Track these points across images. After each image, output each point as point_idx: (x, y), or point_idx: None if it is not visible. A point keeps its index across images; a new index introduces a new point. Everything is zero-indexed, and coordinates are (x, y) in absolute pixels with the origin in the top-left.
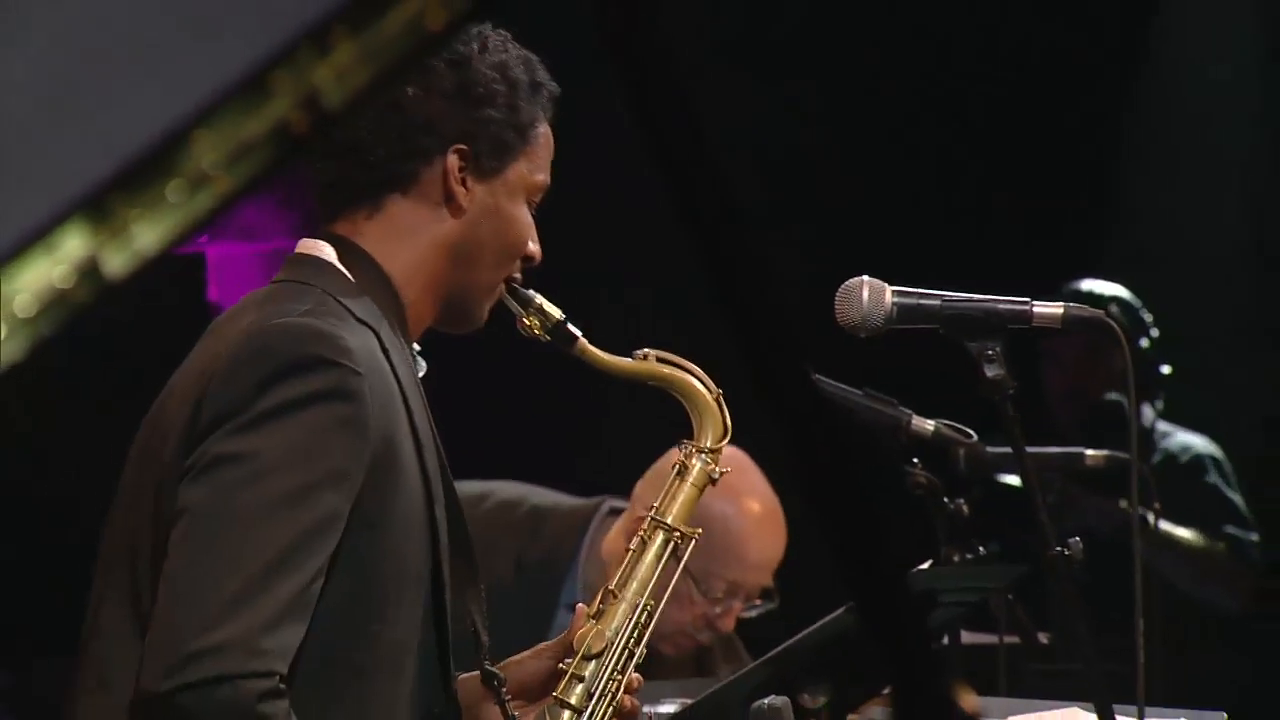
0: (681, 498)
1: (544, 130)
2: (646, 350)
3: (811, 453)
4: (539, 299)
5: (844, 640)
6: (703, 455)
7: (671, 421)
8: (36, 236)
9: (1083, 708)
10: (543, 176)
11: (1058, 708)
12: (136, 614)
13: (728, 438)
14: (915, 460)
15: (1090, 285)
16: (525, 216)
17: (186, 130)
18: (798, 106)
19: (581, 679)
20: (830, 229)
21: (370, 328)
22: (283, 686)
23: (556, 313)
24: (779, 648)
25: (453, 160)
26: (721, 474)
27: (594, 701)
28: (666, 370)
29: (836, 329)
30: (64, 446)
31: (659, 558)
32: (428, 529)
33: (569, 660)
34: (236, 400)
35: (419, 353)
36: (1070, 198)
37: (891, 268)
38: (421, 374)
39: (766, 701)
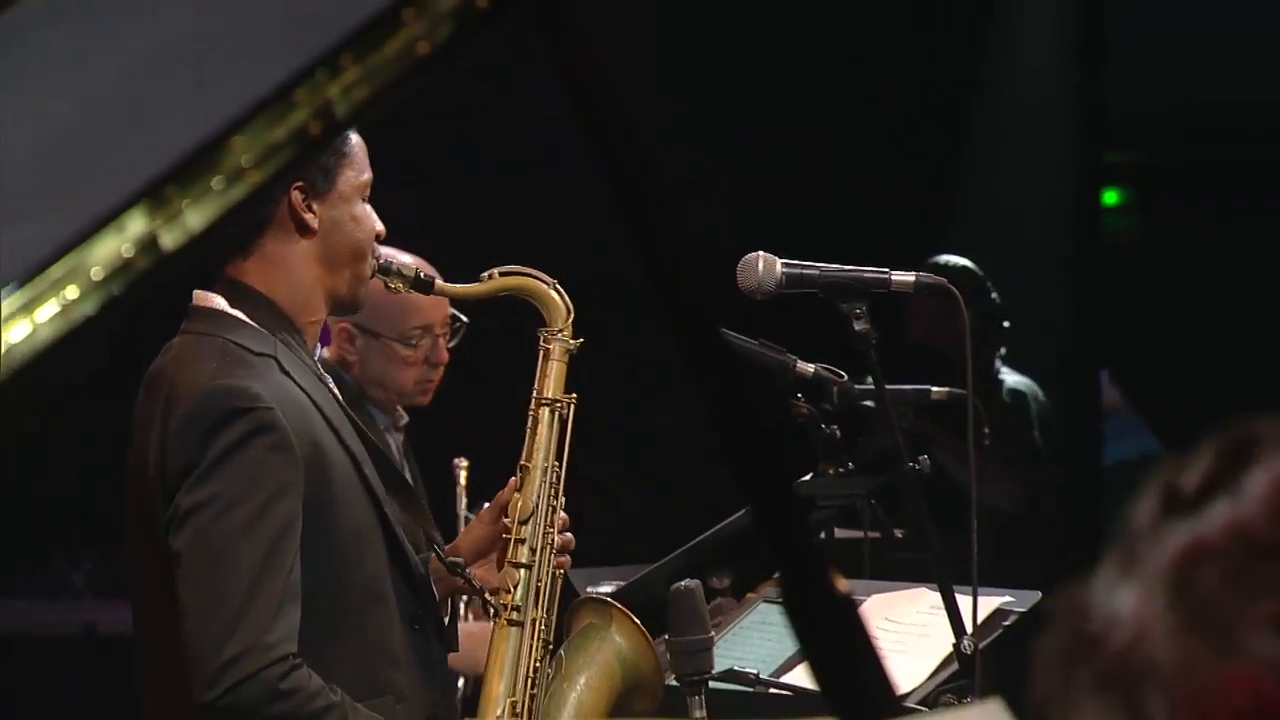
0: (553, 374)
1: (355, 140)
2: (491, 270)
3: (720, 391)
4: (395, 264)
5: (744, 535)
6: (558, 335)
7: None
8: (109, 218)
9: (929, 587)
10: (367, 175)
11: (910, 588)
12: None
13: (571, 315)
14: (799, 395)
15: (946, 258)
16: (364, 210)
17: (226, 135)
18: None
19: (523, 540)
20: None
21: (269, 355)
22: (297, 660)
23: (410, 270)
24: (693, 542)
25: (295, 195)
26: (579, 345)
27: (538, 554)
28: (512, 280)
29: (738, 293)
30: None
31: (550, 426)
32: (363, 488)
33: (508, 529)
34: (189, 459)
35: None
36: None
37: (780, 245)
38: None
39: (683, 583)
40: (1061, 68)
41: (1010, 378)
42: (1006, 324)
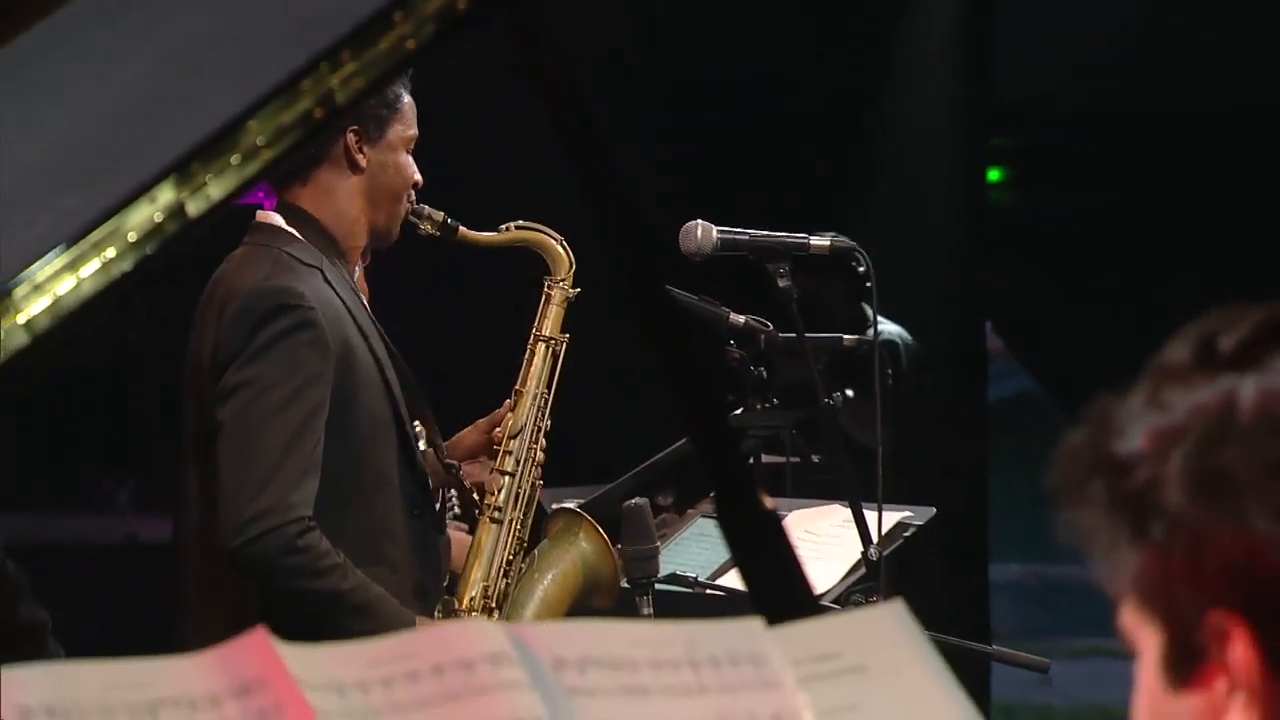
0: (551, 316)
1: (407, 100)
2: (507, 224)
3: (665, 337)
4: (427, 210)
5: (685, 460)
6: (559, 284)
7: None
8: (143, 190)
9: (841, 504)
10: (413, 131)
11: (825, 505)
12: (200, 476)
13: (573, 268)
14: (732, 342)
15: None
16: (406, 160)
17: (243, 118)
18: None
19: (510, 452)
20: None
21: (315, 266)
22: (312, 523)
23: (439, 215)
24: (640, 466)
25: (350, 137)
26: (576, 294)
27: (521, 465)
28: (526, 233)
29: (680, 256)
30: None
31: (544, 359)
32: (384, 388)
33: (499, 441)
34: (237, 345)
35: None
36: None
37: (714, 214)
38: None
39: (634, 501)
40: (954, 65)
41: (886, 326)
42: (869, 284)
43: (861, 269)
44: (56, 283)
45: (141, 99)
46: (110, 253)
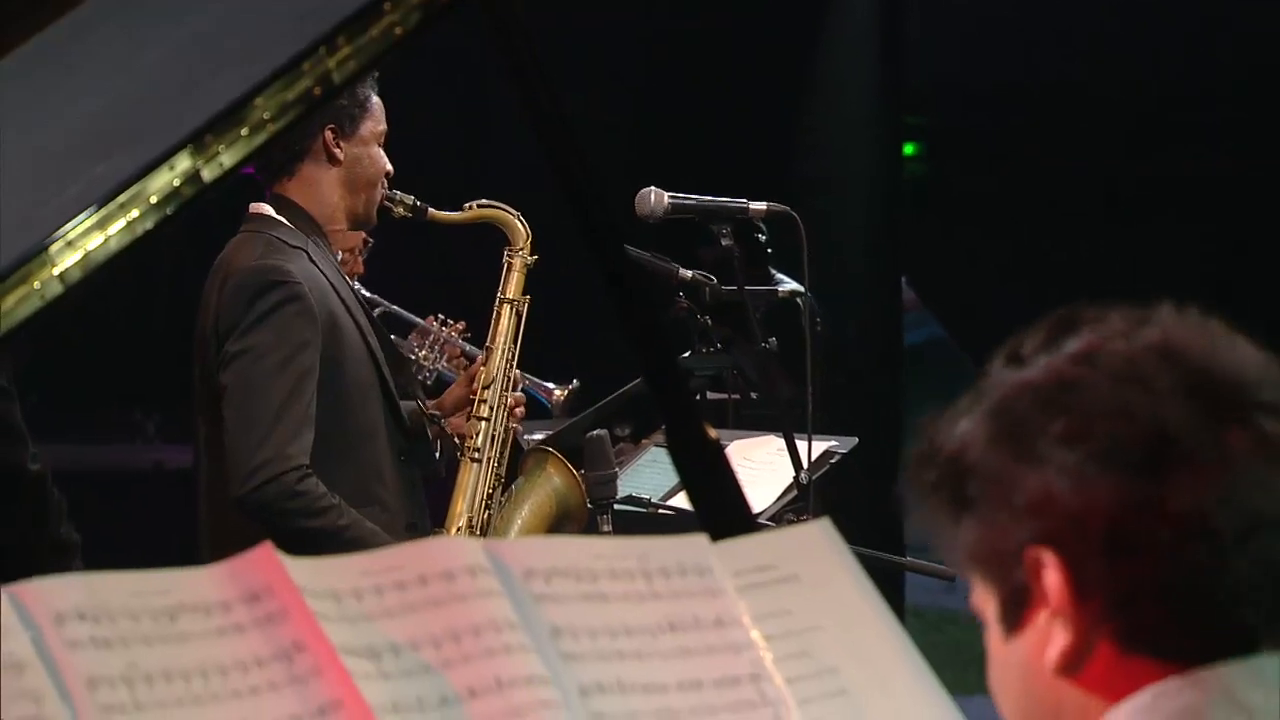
0: (514, 279)
1: (376, 100)
2: (470, 203)
3: (622, 289)
4: (399, 195)
5: (640, 397)
6: (519, 252)
7: None
8: (163, 158)
9: (776, 435)
10: (382, 127)
11: (762, 436)
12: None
13: (530, 238)
14: (680, 294)
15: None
16: (378, 152)
17: (250, 96)
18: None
19: (485, 400)
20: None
21: (300, 248)
22: (309, 471)
23: (410, 199)
24: (601, 402)
25: (328, 135)
26: (534, 260)
27: (495, 411)
28: (487, 211)
29: (635, 218)
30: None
31: (509, 319)
32: (366, 351)
33: (475, 390)
34: (235, 318)
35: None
36: (770, 139)
37: (665, 181)
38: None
39: (595, 432)
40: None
41: (790, 285)
42: (763, 236)
43: (763, 238)
44: (87, 239)
45: (161, 80)
46: (134, 213)
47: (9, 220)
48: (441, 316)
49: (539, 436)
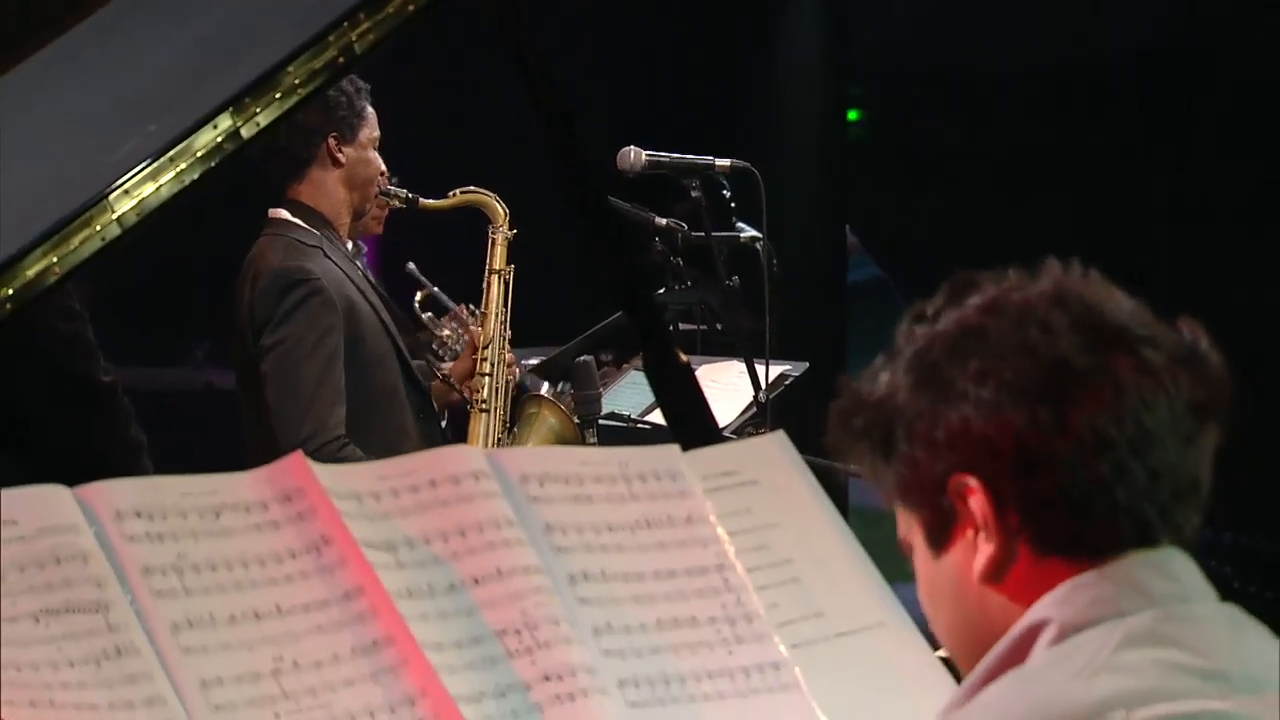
0: (498, 253)
1: (370, 110)
2: (455, 190)
3: (606, 236)
4: (393, 189)
5: (621, 327)
6: (500, 229)
7: None
8: (207, 118)
9: (738, 360)
10: (376, 133)
11: (726, 361)
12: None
13: (508, 215)
14: (656, 239)
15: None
16: (374, 155)
17: (283, 64)
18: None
19: (486, 359)
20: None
21: (317, 246)
22: (347, 440)
23: (404, 192)
24: (588, 332)
25: (331, 142)
26: (513, 234)
27: (495, 367)
28: (469, 196)
29: (617, 172)
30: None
31: (498, 286)
32: (382, 327)
33: (476, 352)
34: (267, 314)
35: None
36: (729, 104)
37: (638, 140)
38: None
39: (582, 358)
40: (822, 35)
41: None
42: (727, 190)
43: (727, 192)
44: (142, 188)
45: (205, 51)
46: (182, 165)
47: (75, 172)
48: (471, 306)
49: (534, 362)
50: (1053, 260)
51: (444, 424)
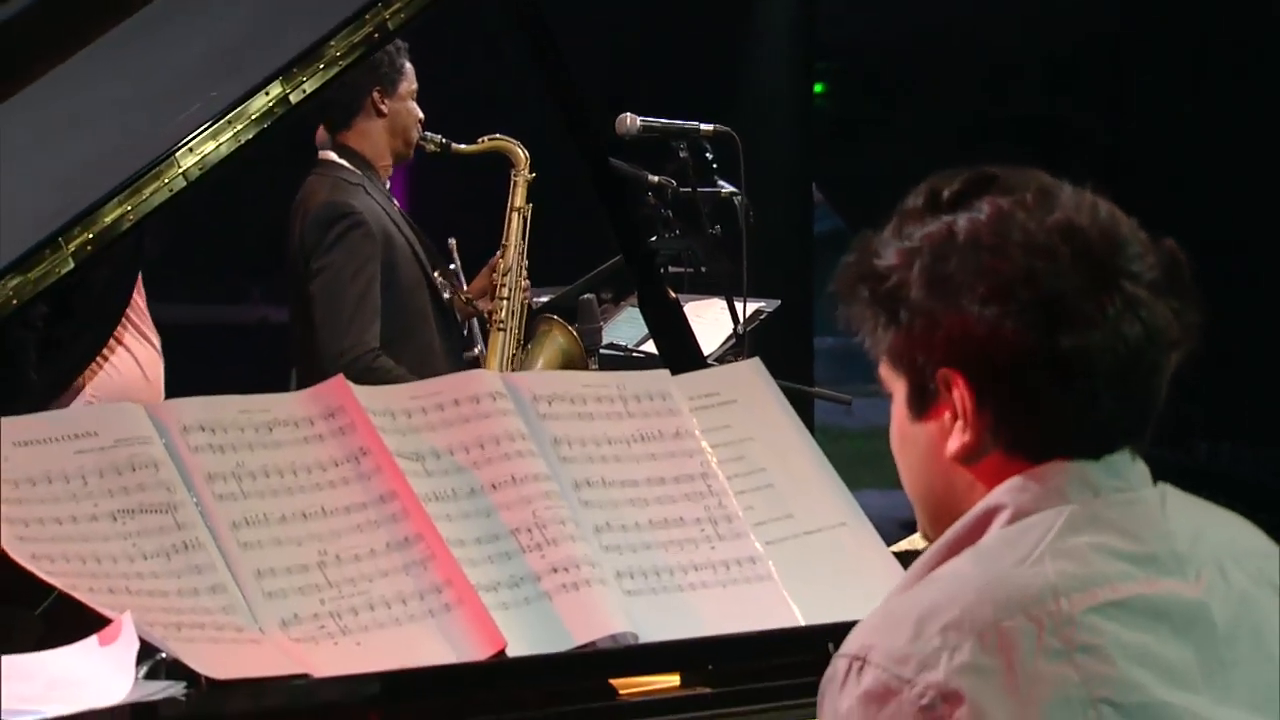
0: (519, 193)
1: (409, 66)
2: (483, 137)
3: (609, 192)
4: (430, 135)
5: (619, 269)
6: (521, 172)
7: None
8: (260, 86)
9: (720, 298)
10: (414, 86)
11: (710, 299)
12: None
13: (529, 160)
14: (649, 194)
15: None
16: (412, 105)
17: (326, 38)
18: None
19: (504, 284)
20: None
21: (360, 184)
22: (379, 352)
23: (439, 138)
24: (590, 273)
25: (375, 94)
26: (533, 177)
27: (512, 291)
28: (495, 143)
29: (616, 136)
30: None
31: (518, 222)
32: (414, 258)
33: (496, 276)
34: (315, 243)
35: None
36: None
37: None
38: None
39: (585, 295)
40: (794, 18)
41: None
42: (709, 152)
43: (709, 154)
44: (204, 146)
45: (258, 27)
46: (239, 127)
47: (148, 131)
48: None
49: (545, 299)
50: (1066, 186)
51: (465, 333)
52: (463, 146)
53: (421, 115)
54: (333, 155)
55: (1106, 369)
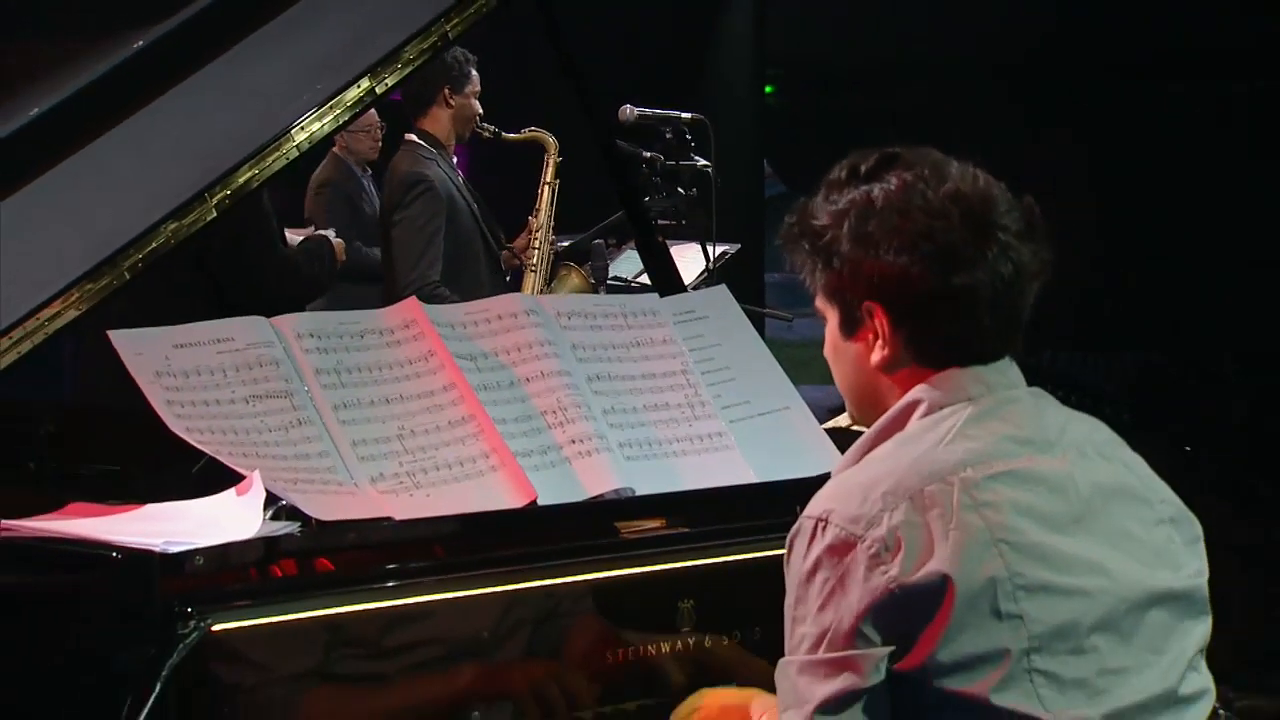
0: (550, 170)
1: (474, 72)
2: (523, 129)
3: (615, 166)
4: (486, 125)
5: (622, 223)
6: (552, 155)
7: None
8: (352, 80)
9: (695, 243)
10: (477, 87)
11: (687, 244)
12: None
13: (558, 146)
14: (644, 166)
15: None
16: (475, 102)
17: (402, 45)
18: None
19: (537, 237)
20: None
21: (434, 159)
22: (440, 284)
23: (492, 128)
24: (599, 225)
25: (446, 90)
26: (560, 160)
27: (542, 243)
28: (532, 133)
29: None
30: None
31: (549, 194)
32: (472, 216)
33: (532, 233)
34: (397, 199)
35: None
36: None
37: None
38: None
39: (596, 241)
40: (750, 29)
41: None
42: (689, 135)
43: (689, 136)
44: (311, 125)
45: (351, 36)
46: (338, 110)
47: (271, 111)
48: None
49: (567, 243)
50: (952, 160)
51: (508, 279)
52: (510, 135)
53: (481, 110)
54: (414, 136)
55: (988, 298)
